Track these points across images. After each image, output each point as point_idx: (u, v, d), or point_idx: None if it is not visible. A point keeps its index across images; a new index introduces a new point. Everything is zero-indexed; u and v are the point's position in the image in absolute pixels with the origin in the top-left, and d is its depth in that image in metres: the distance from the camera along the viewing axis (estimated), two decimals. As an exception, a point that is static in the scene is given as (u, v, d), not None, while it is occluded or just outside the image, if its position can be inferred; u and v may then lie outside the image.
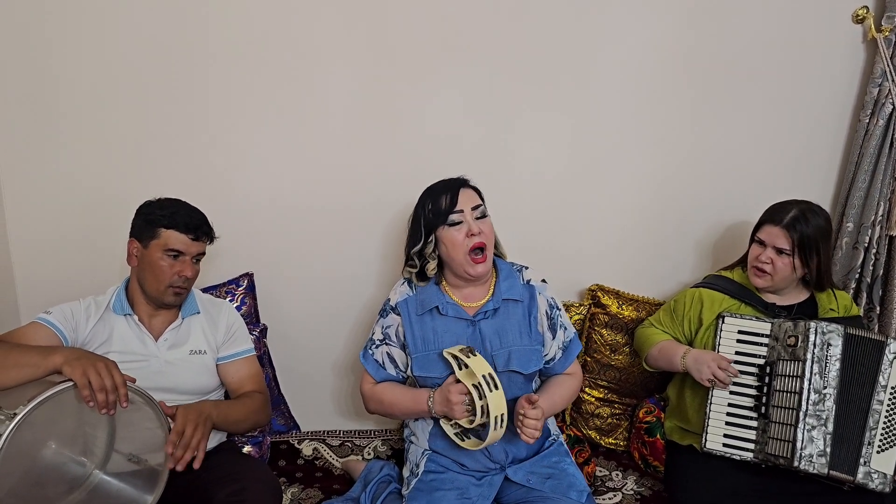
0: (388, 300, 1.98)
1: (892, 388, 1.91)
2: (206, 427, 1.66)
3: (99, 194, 2.29)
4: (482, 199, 1.91)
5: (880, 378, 1.90)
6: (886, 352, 1.91)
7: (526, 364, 1.89)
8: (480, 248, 1.83)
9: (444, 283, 1.95)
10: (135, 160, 2.29)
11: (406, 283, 1.98)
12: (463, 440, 1.83)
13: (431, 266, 1.88)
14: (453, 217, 1.83)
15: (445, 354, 1.83)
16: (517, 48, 2.33)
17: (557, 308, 2.00)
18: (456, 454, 1.91)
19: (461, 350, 1.78)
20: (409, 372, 1.95)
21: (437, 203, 1.85)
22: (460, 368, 1.80)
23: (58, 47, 2.18)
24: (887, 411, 1.90)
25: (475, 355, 1.75)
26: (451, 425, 1.86)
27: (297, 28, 2.23)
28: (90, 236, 2.32)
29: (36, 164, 2.26)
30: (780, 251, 2.04)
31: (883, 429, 1.89)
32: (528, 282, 1.98)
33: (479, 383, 1.68)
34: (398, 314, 1.94)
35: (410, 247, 1.91)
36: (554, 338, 1.97)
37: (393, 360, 1.96)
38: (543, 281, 2.01)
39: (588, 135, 2.44)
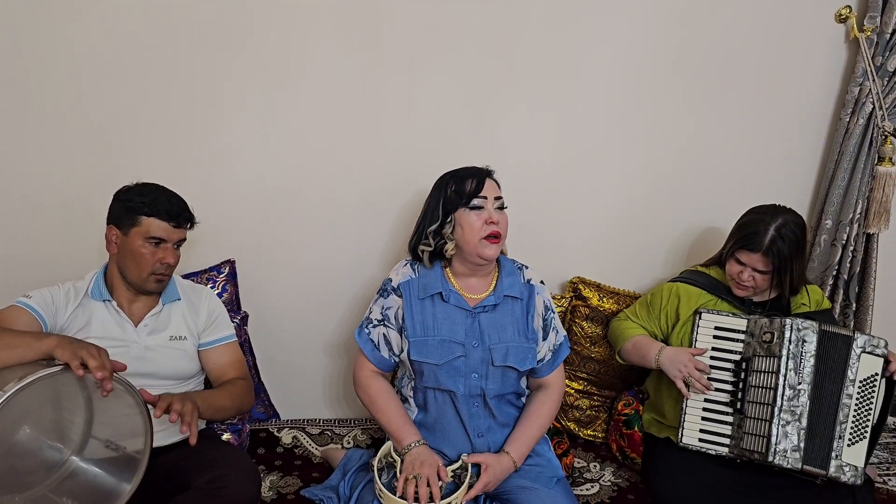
0: (390, 280, 1.96)
1: (861, 381, 1.93)
2: (192, 404, 1.64)
3: (78, 178, 2.26)
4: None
5: (849, 372, 1.92)
6: (854, 346, 1.94)
7: (522, 361, 1.91)
8: (495, 236, 1.85)
9: (448, 269, 1.95)
10: (115, 144, 2.26)
11: (409, 265, 1.97)
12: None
13: (450, 247, 1.88)
14: (476, 202, 1.85)
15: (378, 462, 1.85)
16: (506, 41, 2.32)
17: (552, 311, 2.02)
18: (437, 443, 1.91)
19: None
20: (402, 356, 1.93)
21: (462, 185, 1.86)
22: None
23: (38, 32, 2.14)
24: (857, 404, 1.93)
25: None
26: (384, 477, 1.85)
27: (282, 12, 2.21)
28: (68, 220, 2.29)
29: (13, 147, 2.23)
30: (760, 271, 2.06)
31: (853, 422, 1.92)
32: (529, 281, 2.00)
33: None
34: (400, 296, 1.93)
35: (427, 225, 1.90)
36: (545, 339, 1.98)
37: (388, 343, 1.94)
38: (542, 282, 2.02)
39: (574, 129, 2.44)
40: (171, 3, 2.17)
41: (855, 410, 1.93)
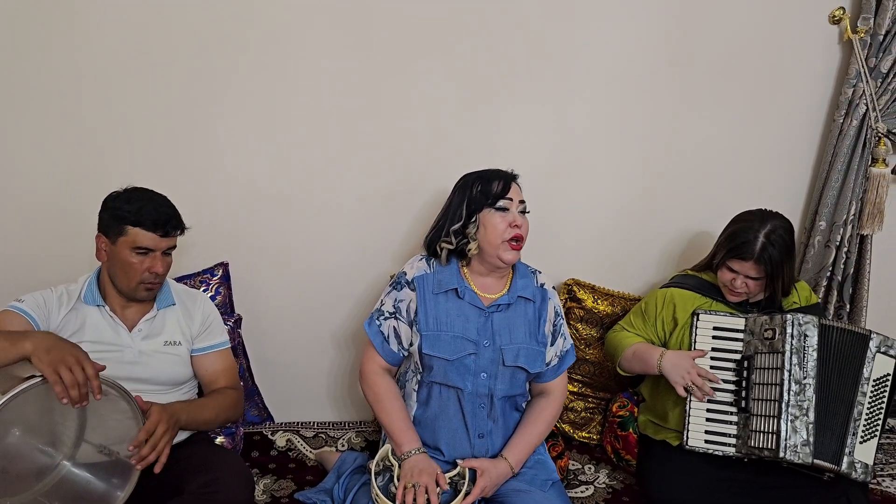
0: (404, 273, 1.96)
1: (875, 380, 1.95)
2: (174, 431, 1.66)
3: (71, 180, 2.25)
4: None
5: (864, 371, 1.94)
6: (870, 346, 1.95)
7: (532, 363, 1.92)
8: (517, 239, 1.87)
9: (464, 268, 1.96)
10: (109, 146, 2.24)
11: (423, 260, 1.98)
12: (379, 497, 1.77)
13: (474, 247, 1.89)
14: (502, 203, 1.87)
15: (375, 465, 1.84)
16: (501, 41, 2.32)
17: (561, 317, 2.03)
18: (434, 439, 1.91)
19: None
20: (412, 349, 1.93)
21: (489, 186, 1.88)
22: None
23: (34, 35, 2.13)
24: (870, 403, 1.94)
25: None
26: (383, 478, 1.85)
27: (277, 15, 2.21)
28: (61, 223, 2.28)
29: (6, 149, 2.21)
30: (753, 278, 2.06)
31: (865, 420, 1.93)
32: (542, 285, 2.01)
33: None
34: (413, 289, 1.93)
35: (449, 224, 1.91)
36: (553, 345, 1.99)
37: (398, 336, 1.94)
38: (553, 287, 2.04)
39: (570, 131, 2.45)
40: (167, 7, 2.16)
41: (868, 408, 1.94)
